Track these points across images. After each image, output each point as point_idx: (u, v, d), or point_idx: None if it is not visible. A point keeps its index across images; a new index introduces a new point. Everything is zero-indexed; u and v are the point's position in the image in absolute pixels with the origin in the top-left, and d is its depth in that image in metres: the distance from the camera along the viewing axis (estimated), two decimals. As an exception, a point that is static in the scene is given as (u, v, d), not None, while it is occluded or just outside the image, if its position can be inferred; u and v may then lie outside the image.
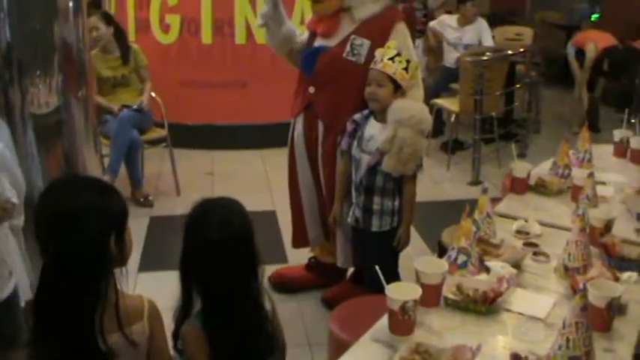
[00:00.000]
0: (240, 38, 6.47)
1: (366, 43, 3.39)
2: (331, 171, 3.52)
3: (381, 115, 3.21)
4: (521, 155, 6.19)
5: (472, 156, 5.90)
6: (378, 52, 3.19)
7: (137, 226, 4.66)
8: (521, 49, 6.66)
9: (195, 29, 6.47)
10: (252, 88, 6.56)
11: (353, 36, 3.40)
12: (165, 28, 6.51)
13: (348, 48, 3.41)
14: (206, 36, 6.45)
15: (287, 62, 3.77)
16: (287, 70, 3.98)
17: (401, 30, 3.44)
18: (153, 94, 5.57)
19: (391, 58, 3.15)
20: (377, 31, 3.40)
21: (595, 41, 7.21)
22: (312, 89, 3.51)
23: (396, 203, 3.30)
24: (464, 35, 6.85)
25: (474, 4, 6.82)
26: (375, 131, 3.23)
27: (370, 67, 3.19)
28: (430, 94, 5.71)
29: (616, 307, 2.09)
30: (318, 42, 3.50)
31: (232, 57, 6.54)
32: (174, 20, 6.45)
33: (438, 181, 5.93)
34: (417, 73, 3.26)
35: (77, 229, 1.66)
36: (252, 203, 2.12)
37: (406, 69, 3.16)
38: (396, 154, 3.12)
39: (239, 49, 6.53)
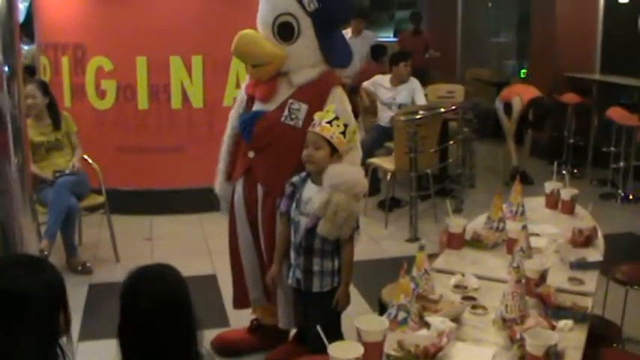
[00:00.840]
0: (175, 103, 6.44)
1: (304, 107, 3.38)
2: (271, 233, 3.47)
3: (317, 178, 3.19)
4: (457, 210, 6.22)
5: (409, 213, 5.89)
6: (316, 116, 3.18)
7: (76, 295, 4.58)
8: (453, 107, 6.69)
9: (131, 95, 6.41)
10: (189, 152, 6.46)
11: (291, 100, 3.39)
12: (102, 94, 6.45)
13: (286, 112, 3.40)
14: (142, 102, 6.39)
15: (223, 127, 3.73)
16: (223, 134, 3.87)
17: (338, 94, 3.43)
18: (90, 160, 5.49)
19: (329, 122, 3.14)
20: (314, 95, 3.39)
21: (520, 94, 7.36)
22: (251, 153, 3.49)
23: (336, 263, 3.26)
24: (397, 95, 6.85)
25: (406, 64, 6.82)
26: (312, 194, 3.20)
27: (308, 129, 3.17)
28: (366, 153, 4.76)
29: (553, 355, 2.11)
30: (257, 106, 3.47)
31: (169, 122, 6.49)
32: (110, 86, 6.39)
33: (377, 239, 5.88)
34: (355, 137, 3.25)
35: (27, 308, 1.66)
36: (192, 267, 2.09)
37: (344, 133, 3.15)
38: (330, 218, 3.10)
39: (175, 114, 6.48)
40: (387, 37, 13.21)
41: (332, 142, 3.12)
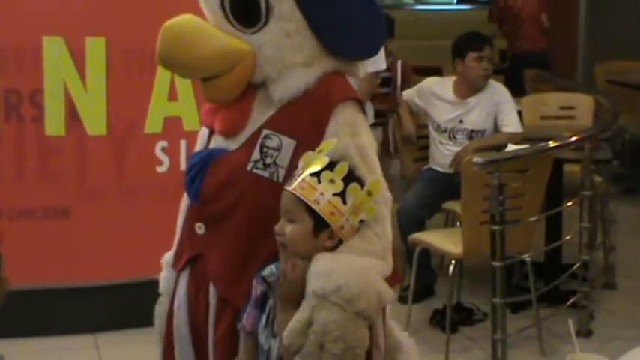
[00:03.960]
0: (53, 127, 4.85)
1: (288, 142, 2.74)
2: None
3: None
4: (584, 333, 4.79)
5: (491, 335, 4.46)
6: (302, 159, 2.63)
7: None
8: (574, 137, 4.89)
9: None
10: (78, 218, 5.00)
11: (265, 131, 2.75)
12: None
13: (256, 153, 2.76)
14: None
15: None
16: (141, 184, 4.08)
17: (348, 116, 2.71)
18: None
19: (315, 174, 2.55)
20: (307, 118, 2.71)
21: None
22: (199, 227, 2.83)
23: None
24: (467, 114, 5.39)
25: (482, 57, 5.26)
26: None
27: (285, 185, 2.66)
28: (407, 222, 5.02)
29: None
30: (215, 142, 2.87)
31: (41, 161, 4.90)
32: None
33: (429, 382, 4.87)
34: (369, 204, 2.57)
35: None
36: None
37: (342, 195, 2.54)
38: (312, 355, 2.54)
39: (53, 147, 4.84)
40: (441, 3, 10.94)
41: (318, 212, 2.55)
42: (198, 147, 3.05)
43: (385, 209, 2.70)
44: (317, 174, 2.55)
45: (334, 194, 2.54)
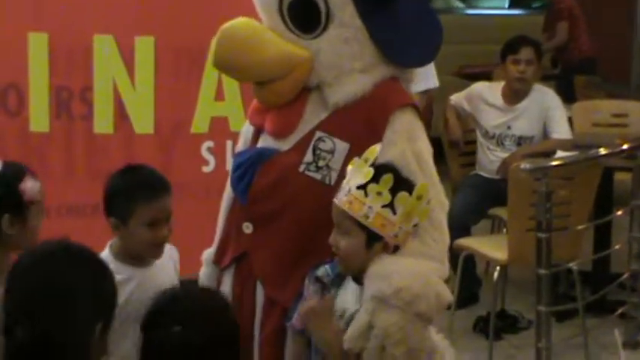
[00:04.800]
0: (102, 124, 4.83)
1: (342, 146, 2.75)
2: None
3: (361, 274, 2.62)
4: (631, 345, 4.77)
5: (534, 344, 4.45)
6: (350, 166, 2.62)
7: None
8: (625, 145, 4.86)
9: (15, 105, 4.65)
10: None
11: (319, 133, 2.77)
12: None
13: (309, 155, 2.77)
14: (36, 118, 4.73)
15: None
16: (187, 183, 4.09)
17: (405, 122, 2.73)
18: None
19: (362, 187, 2.52)
20: (363, 124, 2.72)
21: None
22: (247, 227, 2.82)
23: None
24: (515, 120, 5.36)
25: (530, 61, 5.24)
26: (350, 301, 2.61)
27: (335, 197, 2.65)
28: (453, 228, 4.28)
29: None
30: (264, 142, 2.86)
31: (87, 158, 4.78)
32: None
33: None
34: (422, 206, 2.54)
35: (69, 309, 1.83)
36: None
37: (391, 206, 2.50)
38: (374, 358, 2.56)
39: (100, 145, 4.74)
40: (492, 7, 10.69)
41: (368, 226, 2.53)
42: (242, 145, 3.07)
43: (442, 214, 2.70)
44: (363, 187, 2.54)
45: (383, 206, 2.53)
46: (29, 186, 3.11)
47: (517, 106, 5.24)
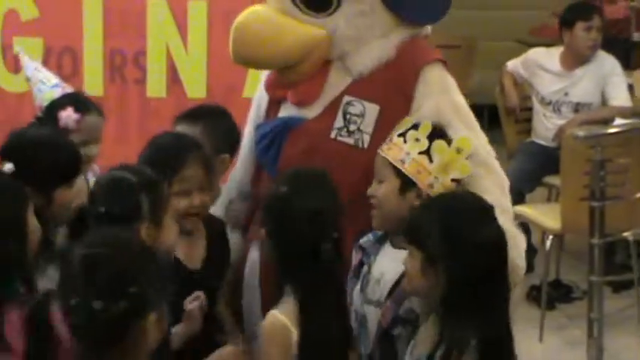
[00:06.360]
0: (155, 88, 4.91)
1: (371, 108, 2.76)
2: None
3: (397, 237, 2.57)
4: None
5: (586, 314, 4.42)
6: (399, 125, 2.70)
7: None
8: None
9: (70, 68, 4.75)
10: None
11: (347, 98, 2.77)
12: (14, 65, 4.69)
13: (339, 120, 2.78)
14: (91, 81, 4.77)
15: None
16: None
17: (436, 76, 2.75)
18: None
19: (402, 134, 2.57)
20: (390, 85, 2.74)
21: None
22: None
23: None
24: (572, 86, 5.29)
25: (590, 27, 5.12)
26: (387, 265, 2.58)
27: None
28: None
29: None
30: (286, 111, 2.85)
31: (140, 122, 4.93)
32: (31, 48, 4.61)
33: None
34: (461, 164, 2.55)
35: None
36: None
37: (428, 152, 2.53)
38: None
39: (153, 109, 4.85)
40: None
41: (403, 171, 2.57)
42: (254, 114, 3.12)
43: (493, 160, 2.72)
44: (403, 134, 2.56)
45: (419, 152, 2.53)
46: (64, 115, 3.27)
47: (575, 72, 5.22)
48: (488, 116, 6.11)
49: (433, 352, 2.27)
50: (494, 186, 2.71)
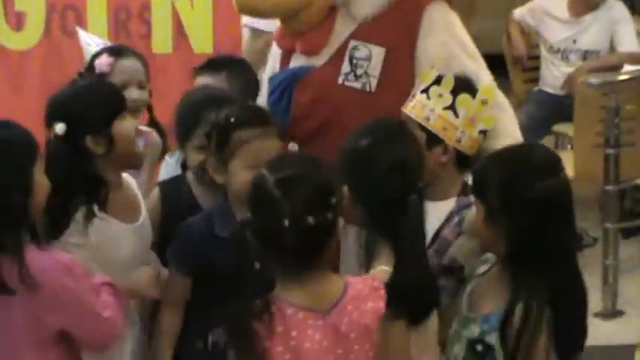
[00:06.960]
0: (160, 44, 4.88)
1: (377, 51, 2.78)
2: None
3: (432, 189, 2.59)
4: None
5: (601, 262, 4.51)
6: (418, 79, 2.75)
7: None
8: None
9: (74, 24, 4.70)
10: None
11: (352, 42, 2.79)
12: (17, 22, 4.75)
13: (346, 65, 2.81)
14: None
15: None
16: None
17: (440, 14, 2.77)
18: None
19: (425, 90, 2.56)
20: (395, 27, 2.75)
21: None
22: (293, 146, 2.78)
23: None
24: (581, 33, 5.30)
25: None
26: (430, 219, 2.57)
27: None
28: None
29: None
30: (296, 61, 2.88)
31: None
32: (33, 6, 4.80)
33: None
34: (487, 115, 2.57)
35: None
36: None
37: (452, 108, 2.52)
38: None
39: (159, 65, 4.68)
40: None
41: (430, 129, 2.57)
42: (270, 69, 3.14)
43: (502, 97, 2.73)
44: (426, 90, 2.54)
45: (444, 108, 2.53)
46: (98, 62, 3.35)
47: (584, 19, 5.20)
48: (488, 66, 6.01)
49: (511, 307, 2.25)
50: (511, 124, 2.74)
